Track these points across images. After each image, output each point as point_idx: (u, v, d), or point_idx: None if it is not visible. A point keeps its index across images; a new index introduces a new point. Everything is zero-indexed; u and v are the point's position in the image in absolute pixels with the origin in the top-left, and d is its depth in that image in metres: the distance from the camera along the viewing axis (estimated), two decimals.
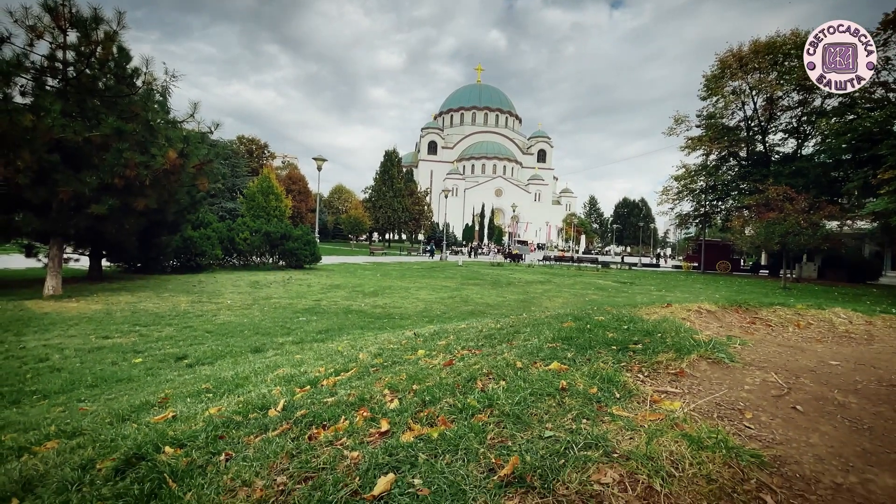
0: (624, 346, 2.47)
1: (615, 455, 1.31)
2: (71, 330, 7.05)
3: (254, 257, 19.86)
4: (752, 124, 29.91)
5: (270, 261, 20.18)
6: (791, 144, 29.58)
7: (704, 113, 30.60)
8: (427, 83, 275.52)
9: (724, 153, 31.06)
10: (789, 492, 1.21)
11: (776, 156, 29.90)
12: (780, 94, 27.35)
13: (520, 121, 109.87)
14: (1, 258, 17.79)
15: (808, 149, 28.34)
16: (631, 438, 1.41)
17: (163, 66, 16.28)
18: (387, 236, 61.91)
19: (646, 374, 2.08)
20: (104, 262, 14.26)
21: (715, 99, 29.64)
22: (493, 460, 1.32)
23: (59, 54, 9.92)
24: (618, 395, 1.79)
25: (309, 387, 2.57)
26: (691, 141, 30.41)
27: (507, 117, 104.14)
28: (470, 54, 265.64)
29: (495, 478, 1.24)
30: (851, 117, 22.36)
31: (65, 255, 11.23)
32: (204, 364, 5.28)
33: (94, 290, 10.75)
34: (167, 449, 1.82)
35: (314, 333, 7.00)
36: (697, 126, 31.16)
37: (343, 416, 1.85)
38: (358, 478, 1.29)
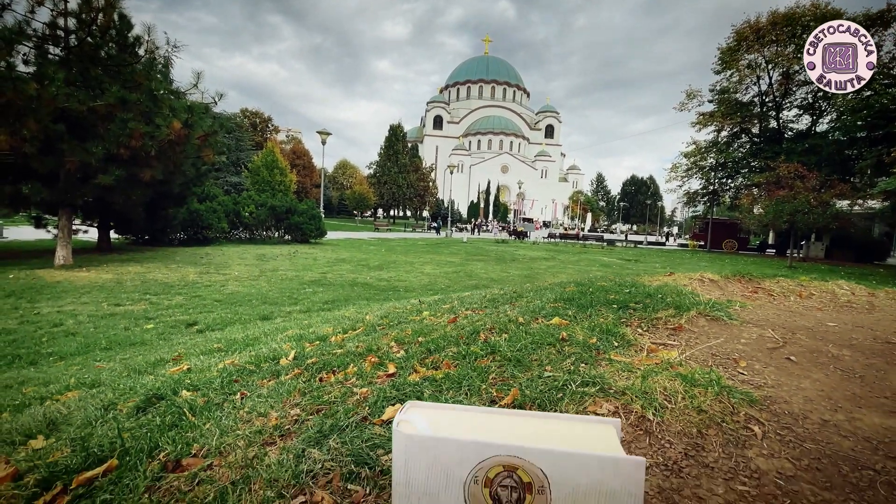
0: (624, 304, 2.53)
1: (611, 391, 1.38)
2: (83, 298, 7.21)
3: (259, 231, 19.98)
4: (767, 100, 29.15)
5: (276, 235, 20.31)
6: (805, 121, 28.91)
7: (718, 87, 29.85)
8: (433, 56, 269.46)
9: (736, 129, 30.42)
10: (777, 424, 1.27)
11: (789, 132, 29.27)
12: (796, 68, 26.54)
13: (528, 95, 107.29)
14: (11, 230, 18.05)
15: (823, 126, 27.70)
16: (627, 378, 1.48)
17: (164, 36, 15.96)
18: (391, 212, 61.83)
19: (645, 328, 2.13)
20: (112, 235, 14.44)
21: (729, 73, 28.84)
22: (495, 394, 1.40)
23: (61, 22, 9.78)
24: (616, 345, 1.85)
25: (318, 342, 2.66)
26: (703, 116, 29.78)
27: (514, 91, 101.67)
28: (477, 25, 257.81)
29: (496, 407, 1.32)
30: (868, 94, 21.73)
31: (73, 227, 11.36)
32: (214, 330, 5.42)
33: (103, 261, 10.92)
34: (184, 392, 1.91)
35: (321, 303, 7.13)
36: (710, 101, 30.46)
37: (352, 364, 1.93)
38: (367, 408, 1.37)
